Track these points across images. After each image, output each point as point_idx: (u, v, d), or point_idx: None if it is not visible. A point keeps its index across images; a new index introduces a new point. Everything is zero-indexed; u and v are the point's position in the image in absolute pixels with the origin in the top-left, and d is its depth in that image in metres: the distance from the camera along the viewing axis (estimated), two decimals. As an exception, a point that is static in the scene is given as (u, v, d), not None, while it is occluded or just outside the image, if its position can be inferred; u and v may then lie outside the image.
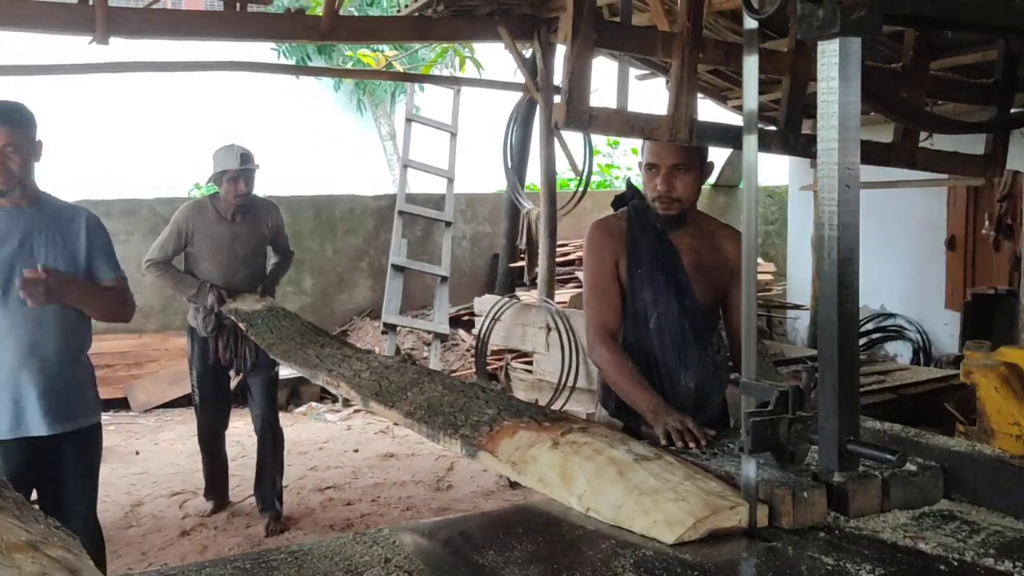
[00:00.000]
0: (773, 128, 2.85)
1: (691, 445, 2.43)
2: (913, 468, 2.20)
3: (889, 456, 1.78)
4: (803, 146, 2.81)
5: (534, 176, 9.99)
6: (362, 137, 17.81)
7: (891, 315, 8.80)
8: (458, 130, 9.81)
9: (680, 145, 2.76)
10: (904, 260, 8.52)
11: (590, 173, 8.28)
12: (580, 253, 9.58)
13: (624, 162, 14.13)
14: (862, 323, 8.87)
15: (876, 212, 7.70)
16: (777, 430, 1.97)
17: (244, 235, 5.02)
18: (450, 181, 9.60)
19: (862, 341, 8.88)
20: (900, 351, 8.66)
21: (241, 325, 4.63)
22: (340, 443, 7.01)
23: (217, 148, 4.97)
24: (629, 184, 3.04)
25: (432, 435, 2.52)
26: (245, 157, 4.87)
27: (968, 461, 2.19)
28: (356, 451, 6.76)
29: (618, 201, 3.03)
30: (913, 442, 2.33)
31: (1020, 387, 2.31)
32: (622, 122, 2.52)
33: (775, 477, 2.12)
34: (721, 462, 2.31)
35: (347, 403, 8.04)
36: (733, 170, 11.21)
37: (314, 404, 8.12)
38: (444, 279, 9.02)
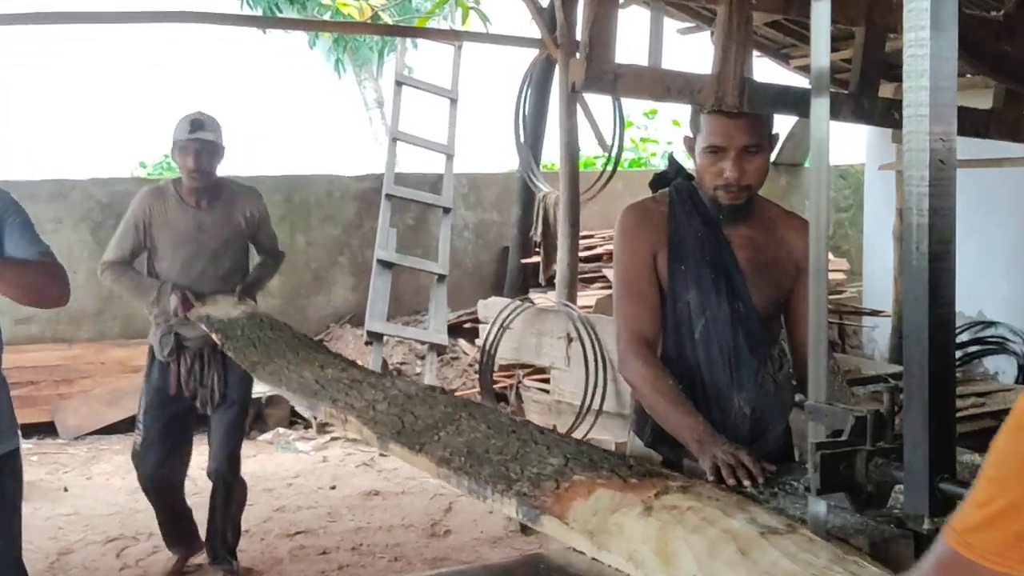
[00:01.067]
0: (844, 92, 2.82)
1: (745, 483, 2.42)
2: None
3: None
4: (881, 113, 2.79)
5: (552, 153, 9.98)
6: (342, 105, 17.85)
7: (991, 323, 8.76)
8: (459, 96, 9.82)
9: (752, 121, 2.75)
10: (1007, 256, 8.48)
11: (621, 149, 8.27)
12: (609, 246, 9.59)
13: (663, 135, 14.12)
14: (956, 333, 8.82)
15: (972, 197, 7.66)
16: (852, 465, 1.95)
17: (212, 225, 4.86)
18: (449, 158, 9.61)
19: (957, 355, 8.84)
20: (1002, 367, 8.63)
21: (215, 337, 4.43)
22: (314, 478, 7.01)
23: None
24: (671, 160, 3.03)
25: (477, 491, 2.33)
26: (196, 124, 4.73)
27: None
28: (333, 488, 6.76)
29: (658, 181, 3.02)
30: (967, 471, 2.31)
31: None
32: (655, 82, 2.49)
33: (849, 523, 2.11)
34: (783, 504, 2.30)
35: (323, 429, 8.05)
36: (796, 145, 11.18)
37: (282, 430, 8.14)
38: (441, 278, 9.02)
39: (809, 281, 2.06)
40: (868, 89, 2.76)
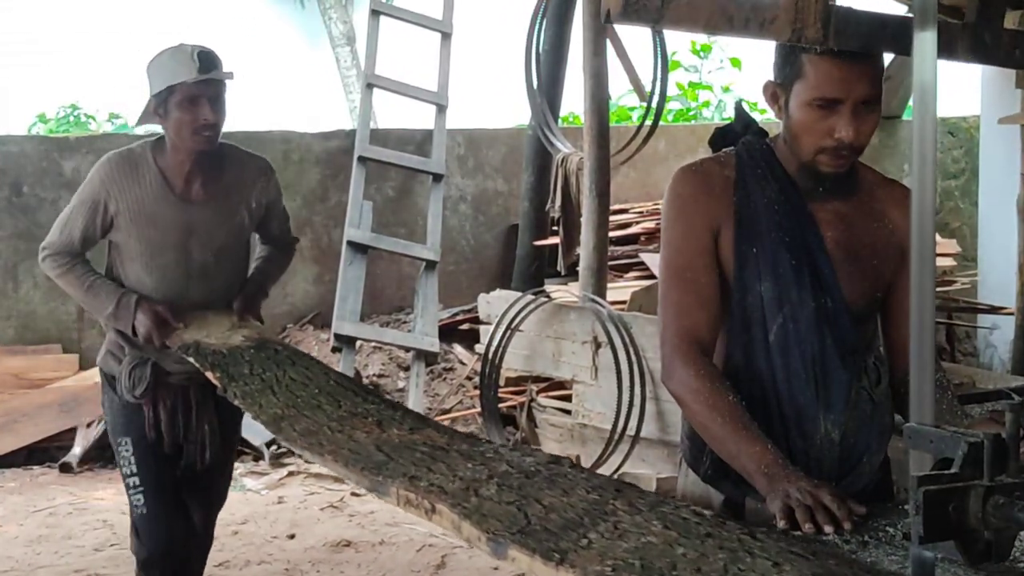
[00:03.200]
0: (958, 23, 2.83)
1: (827, 529, 2.43)
2: None
3: None
4: (1006, 50, 2.79)
5: (574, 103, 9.97)
6: (303, 43, 17.84)
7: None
8: (453, 29, 9.83)
9: (873, 66, 2.74)
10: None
11: (664, 97, 8.29)
12: (649, 223, 9.62)
13: (718, 80, 14.13)
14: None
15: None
16: (965, 505, 1.96)
17: (210, 220, 4.45)
18: (440, 110, 9.62)
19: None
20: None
21: (212, 377, 4.01)
22: (267, 524, 7.01)
23: (154, 56, 4.37)
24: (740, 110, 3.04)
25: None
26: (206, 60, 4.25)
27: None
28: (292, 537, 6.76)
29: (721, 137, 3.04)
30: None
31: None
32: (713, 11, 2.50)
33: None
34: (875, 555, 2.32)
35: (278, 461, 8.09)
36: (891, 92, 11.18)
37: (226, 463, 8.16)
38: (431, 265, 9.03)
39: (911, 268, 2.08)
40: (990, 18, 2.76)
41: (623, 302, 7.90)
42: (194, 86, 4.21)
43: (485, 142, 10.37)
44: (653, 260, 9.06)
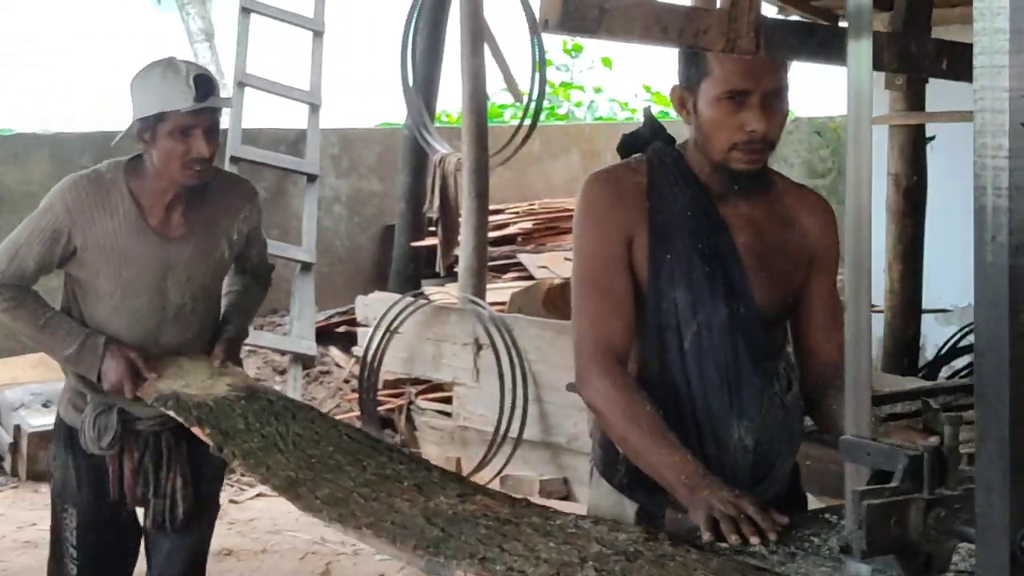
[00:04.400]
0: (883, 32, 2.85)
1: (753, 540, 2.42)
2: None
3: (1098, 560, 1.76)
4: (931, 59, 2.81)
5: (449, 102, 9.93)
6: (165, 41, 17.57)
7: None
8: (325, 28, 9.73)
9: (777, 59, 2.75)
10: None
11: (543, 96, 8.29)
12: (528, 222, 9.62)
13: (590, 80, 14.18)
14: (962, 331, 9.03)
15: (966, 157, 7.70)
16: (906, 519, 1.94)
17: (190, 257, 3.92)
18: (314, 109, 9.53)
19: (959, 362, 9.05)
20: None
21: (204, 434, 3.52)
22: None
23: (141, 71, 3.86)
24: (648, 116, 3.02)
25: None
26: (203, 84, 3.74)
27: None
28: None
29: (629, 143, 3.01)
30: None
31: None
32: (649, 21, 2.48)
33: None
34: (805, 567, 2.30)
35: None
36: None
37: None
38: (306, 267, 8.95)
39: (847, 276, 2.06)
40: (917, 28, 2.78)
41: (503, 303, 7.90)
42: (188, 115, 3.68)
43: (359, 142, 10.33)
44: (531, 261, 9.07)
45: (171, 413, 3.62)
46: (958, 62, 2.76)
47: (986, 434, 1.83)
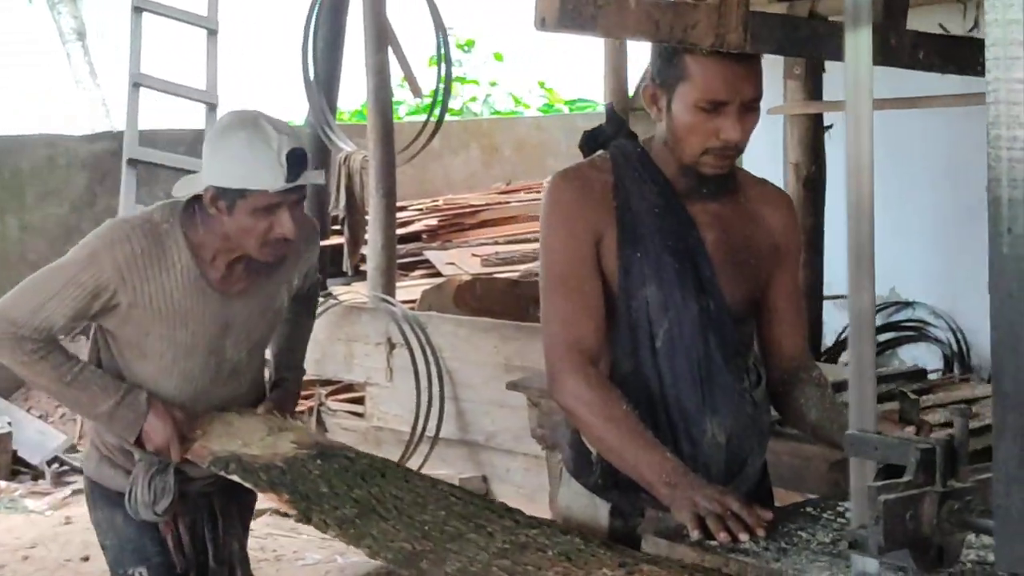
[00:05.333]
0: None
1: (742, 537, 2.40)
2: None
3: (1122, 548, 1.77)
4: (909, 51, 2.81)
5: (351, 100, 9.84)
6: (35, 41, 17.24)
7: (907, 304, 9.09)
8: (219, 26, 9.58)
9: (756, 65, 2.72)
10: (926, 221, 8.79)
11: (448, 93, 8.26)
12: (433, 219, 9.56)
13: (484, 75, 14.15)
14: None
15: (880, 149, 7.81)
16: (920, 513, 1.94)
17: (251, 313, 3.47)
18: (211, 109, 9.34)
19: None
20: (921, 358, 8.95)
21: (278, 500, 3.07)
22: (58, 546, 6.71)
23: (223, 130, 3.27)
24: (611, 113, 2.98)
25: None
26: (296, 162, 3.18)
27: None
28: (87, 559, 6.43)
29: (592, 139, 2.96)
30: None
31: None
32: (641, 18, 2.46)
33: None
34: (799, 563, 2.29)
35: (60, 480, 7.76)
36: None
37: (2, 484, 7.79)
38: (210, 268, 8.80)
39: (848, 273, 2.05)
40: (895, 20, 2.78)
41: (413, 301, 7.83)
42: (277, 195, 3.17)
43: (258, 141, 10.14)
44: (438, 258, 9.02)
45: (234, 478, 3.16)
46: (935, 54, 2.78)
47: (1004, 426, 1.83)
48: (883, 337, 9.03)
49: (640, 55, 7.37)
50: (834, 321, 8.66)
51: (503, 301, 7.85)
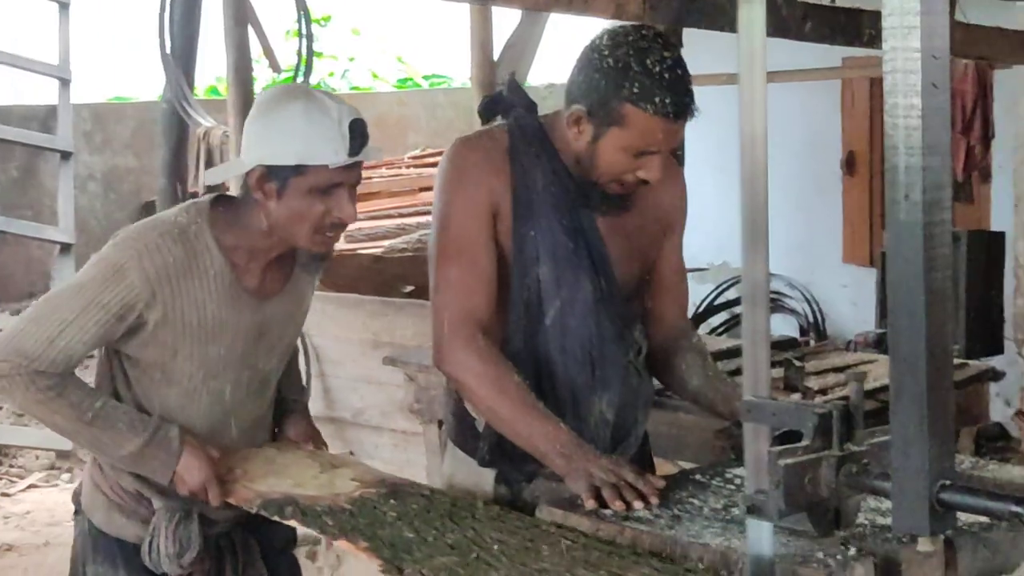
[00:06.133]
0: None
1: (636, 505, 2.42)
2: (982, 517, 2.29)
3: (1016, 508, 1.81)
4: (798, 23, 2.83)
5: (207, 75, 9.70)
6: None
7: (763, 276, 9.25)
8: (71, -1, 9.43)
9: (690, 112, 2.68)
10: (782, 194, 8.95)
11: (310, 68, 8.20)
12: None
13: (343, 51, 14.02)
14: (717, 288, 9.30)
15: (724, 119, 7.92)
16: (818, 476, 1.96)
17: (283, 315, 3.06)
18: (64, 83, 9.25)
19: (724, 318, 9.32)
20: (779, 329, 9.12)
21: (355, 549, 2.54)
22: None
23: (273, 102, 2.90)
24: (512, 82, 2.95)
25: None
26: (359, 133, 2.82)
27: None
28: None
29: (491, 106, 2.94)
30: (965, 478, 2.42)
31: None
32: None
33: (794, 551, 2.15)
34: (693, 529, 2.31)
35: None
36: (515, 59, 11.38)
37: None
38: (66, 248, 8.69)
39: (742, 244, 2.06)
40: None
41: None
42: (337, 172, 2.80)
43: (113, 116, 10.07)
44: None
45: (292, 523, 2.74)
46: (824, 25, 2.81)
47: (902, 390, 1.87)
48: (739, 309, 9.16)
49: (504, 29, 7.39)
50: (693, 294, 8.80)
51: (367, 277, 7.78)
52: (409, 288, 7.73)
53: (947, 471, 1.87)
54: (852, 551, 2.14)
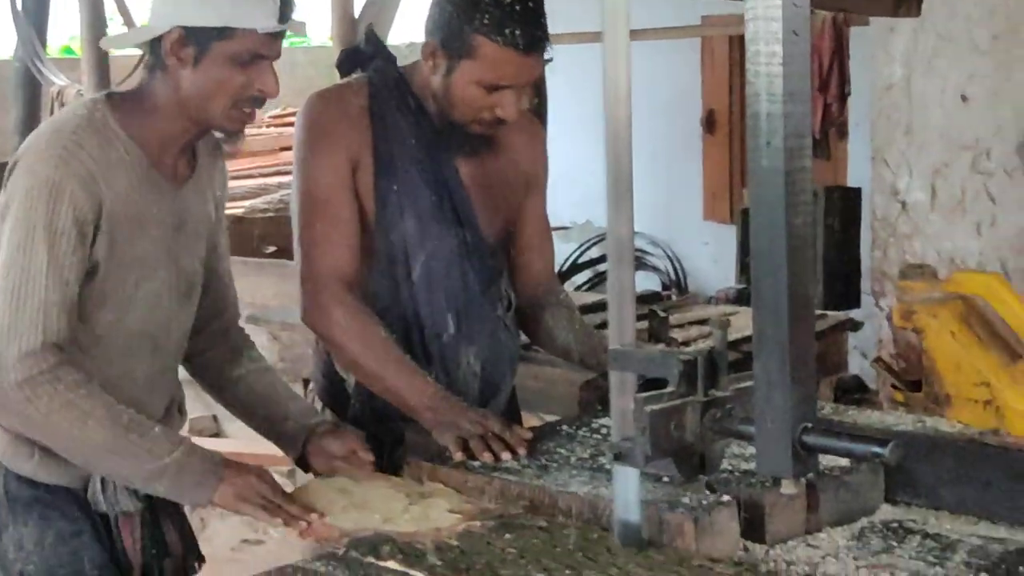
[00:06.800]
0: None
1: (504, 456, 2.43)
2: (843, 461, 2.34)
3: (877, 449, 1.85)
4: None
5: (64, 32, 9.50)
6: None
7: (626, 234, 9.32)
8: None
9: (543, 47, 2.67)
10: (643, 153, 8.98)
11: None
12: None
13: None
14: (581, 247, 9.35)
15: (591, 77, 7.95)
16: (684, 422, 1.99)
17: (196, 204, 2.72)
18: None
19: (588, 276, 9.37)
20: (641, 286, 9.20)
21: None
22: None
23: None
24: (370, 34, 2.91)
25: None
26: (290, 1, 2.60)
27: (920, 446, 2.34)
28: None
29: (349, 59, 2.91)
30: (826, 423, 2.47)
31: (984, 330, 2.51)
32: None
33: (661, 496, 2.18)
34: (560, 479, 2.32)
35: None
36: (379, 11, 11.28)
37: None
38: (-86, 209, 8.40)
39: (608, 198, 2.07)
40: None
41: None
42: (265, 39, 2.54)
43: (-40, 75, 9.73)
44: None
45: (391, 564, 2.15)
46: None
47: (764, 334, 1.90)
48: (603, 267, 9.23)
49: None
50: (556, 253, 8.84)
51: (228, 238, 7.72)
52: (271, 249, 7.67)
53: (809, 415, 1.91)
54: (718, 496, 2.18)
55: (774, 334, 1.88)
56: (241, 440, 5.01)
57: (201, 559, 2.86)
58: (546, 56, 2.70)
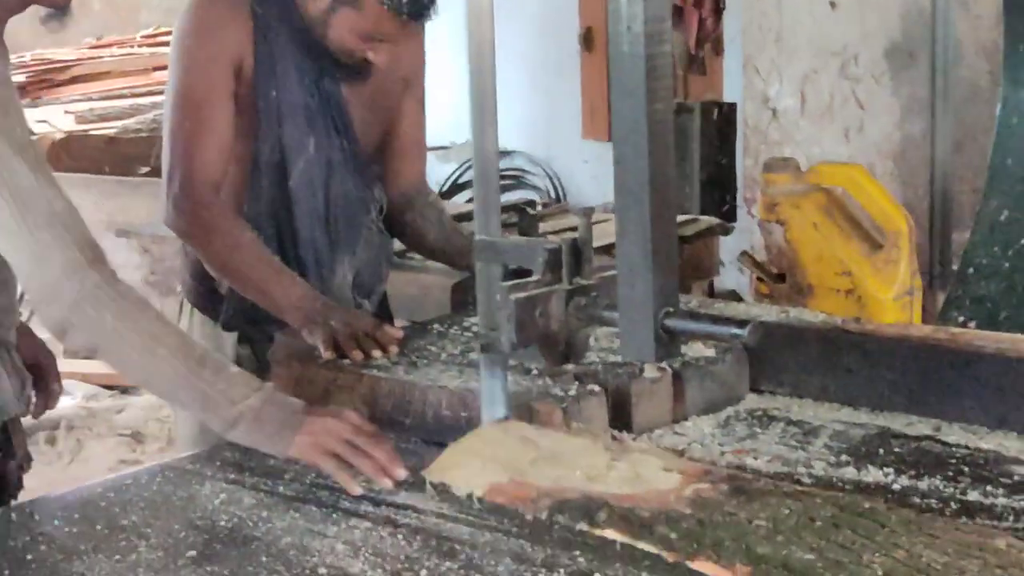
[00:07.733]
0: None
1: (375, 354, 2.44)
2: (708, 352, 2.38)
3: (736, 330, 1.87)
4: None
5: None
6: None
7: (506, 153, 9.31)
8: None
9: (430, 9, 2.65)
10: (517, 69, 8.98)
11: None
12: (16, 77, 9.04)
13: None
14: (461, 167, 9.33)
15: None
16: (549, 310, 2.00)
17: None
18: None
19: (465, 196, 9.36)
20: (520, 201, 9.22)
21: (730, 573, 1.66)
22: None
23: None
24: None
25: None
26: None
27: (783, 335, 2.39)
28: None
29: None
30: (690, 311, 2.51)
31: (846, 221, 2.56)
32: None
33: (526, 387, 2.22)
34: (431, 374, 2.34)
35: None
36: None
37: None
38: None
39: (472, 116, 2.06)
40: None
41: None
42: None
43: None
44: (29, 116, 8.56)
45: (610, 534, 1.78)
46: None
47: (627, 220, 1.91)
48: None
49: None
50: (438, 173, 8.82)
51: (101, 159, 7.58)
52: (145, 169, 7.54)
53: (671, 300, 1.92)
54: (585, 386, 2.21)
55: (636, 221, 1.89)
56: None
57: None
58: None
